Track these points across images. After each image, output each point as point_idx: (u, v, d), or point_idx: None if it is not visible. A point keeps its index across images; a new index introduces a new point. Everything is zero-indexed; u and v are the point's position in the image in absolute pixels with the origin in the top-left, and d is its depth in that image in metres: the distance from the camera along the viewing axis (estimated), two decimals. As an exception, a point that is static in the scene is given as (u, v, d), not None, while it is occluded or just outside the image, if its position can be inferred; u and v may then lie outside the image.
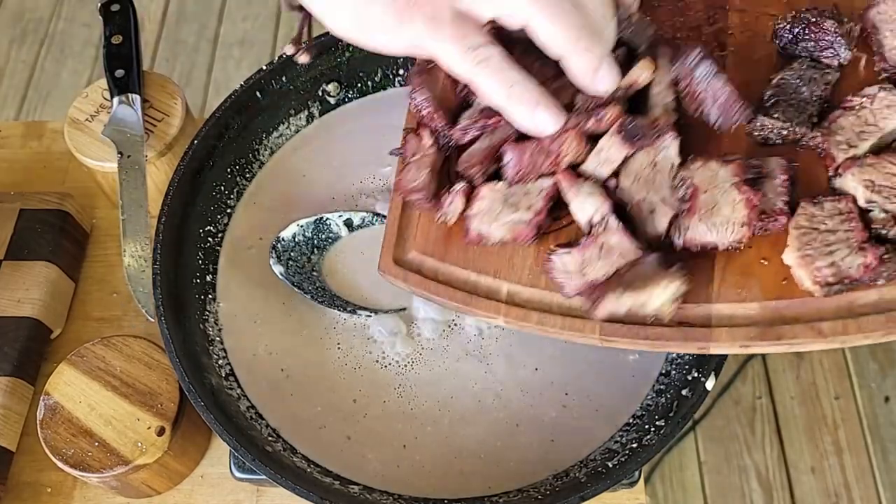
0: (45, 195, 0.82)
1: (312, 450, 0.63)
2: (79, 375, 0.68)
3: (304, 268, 0.70)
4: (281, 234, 0.70)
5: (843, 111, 0.53)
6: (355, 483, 0.62)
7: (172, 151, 0.79)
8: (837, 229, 0.50)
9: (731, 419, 1.60)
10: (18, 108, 1.97)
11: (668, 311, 0.51)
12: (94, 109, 0.80)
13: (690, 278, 0.51)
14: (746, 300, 0.51)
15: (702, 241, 0.52)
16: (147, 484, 0.69)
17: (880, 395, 1.62)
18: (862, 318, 0.49)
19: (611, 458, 0.60)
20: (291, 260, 0.69)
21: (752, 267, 0.52)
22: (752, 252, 0.52)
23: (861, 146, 0.52)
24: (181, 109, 0.80)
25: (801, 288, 0.50)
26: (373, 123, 0.77)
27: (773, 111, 0.54)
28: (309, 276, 0.69)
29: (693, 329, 0.52)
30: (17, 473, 0.73)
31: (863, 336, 0.49)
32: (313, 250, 0.70)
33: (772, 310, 0.51)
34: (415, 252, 0.59)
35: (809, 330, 0.50)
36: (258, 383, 0.66)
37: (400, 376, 0.66)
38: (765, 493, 1.53)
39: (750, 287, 0.52)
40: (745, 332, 0.51)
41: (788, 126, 0.54)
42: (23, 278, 0.77)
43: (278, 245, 0.69)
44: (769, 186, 0.53)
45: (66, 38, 2.08)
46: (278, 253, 0.69)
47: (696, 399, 0.59)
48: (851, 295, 0.49)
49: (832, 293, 0.50)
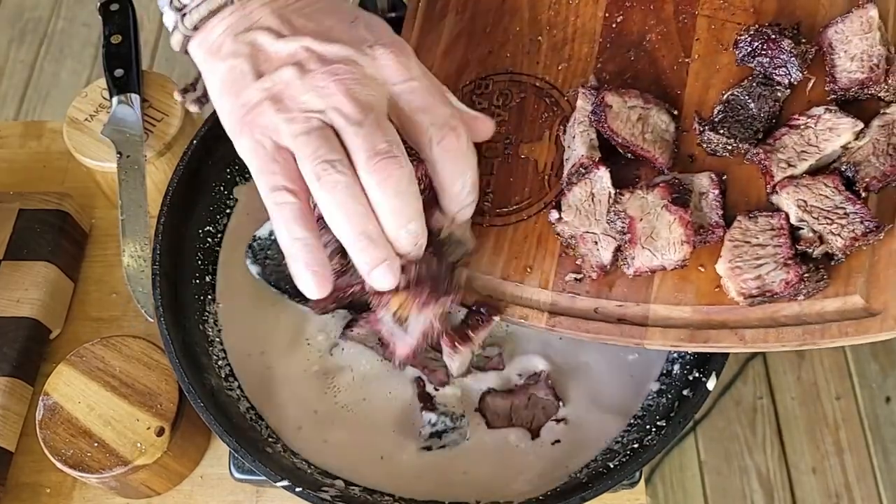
0: (44, 195, 0.82)
1: (311, 451, 0.63)
2: (78, 376, 0.68)
3: (282, 265, 0.69)
4: (257, 232, 0.69)
5: (788, 129, 0.55)
6: (355, 484, 0.61)
7: (172, 151, 0.79)
8: (767, 244, 0.52)
9: (732, 420, 1.60)
10: (18, 107, 1.97)
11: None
12: (94, 109, 0.80)
13: None
14: (681, 303, 0.55)
15: (649, 266, 0.54)
16: (146, 484, 0.69)
17: (881, 396, 1.62)
18: (782, 328, 0.52)
19: (612, 459, 0.60)
20: (269, 259, 0.68)
21: (690, 273, 0.55)
22: (691, 259, 0.54)
23: (800, 166, 0.54)
24: (181, 109, 0.80)
25: (728, 297, 0.53)
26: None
27: (720, 127, 0.56)
28: (287, 275, 0.69)
29: (631, 326, 0.55)
30: (16, 474, 0.73)
31: (780, 345, 0.52)
32: None
33: (703, 314, 0.54)
34: None
35: (733, 336, 0.53)
36: (258, 384, 0.66)
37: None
38: (765, 494, 1.53)
39: (686, 291, 0.55)
40: (676, 334, 0.54)
41: (732, 142, 0.56)
42: (22, 278, 0.77)
43: (254, 244, 0.69)
44: (704, 201, 0.55)
45: (66, 38, 2.07)
46: (254, 252, 0.69)
47: (698, 399, 0.59)
48: (775, 306, 0.52)
49: (755, 304, 0.52)
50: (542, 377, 0.65)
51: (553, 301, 0.58)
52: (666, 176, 0.57)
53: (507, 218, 0.61)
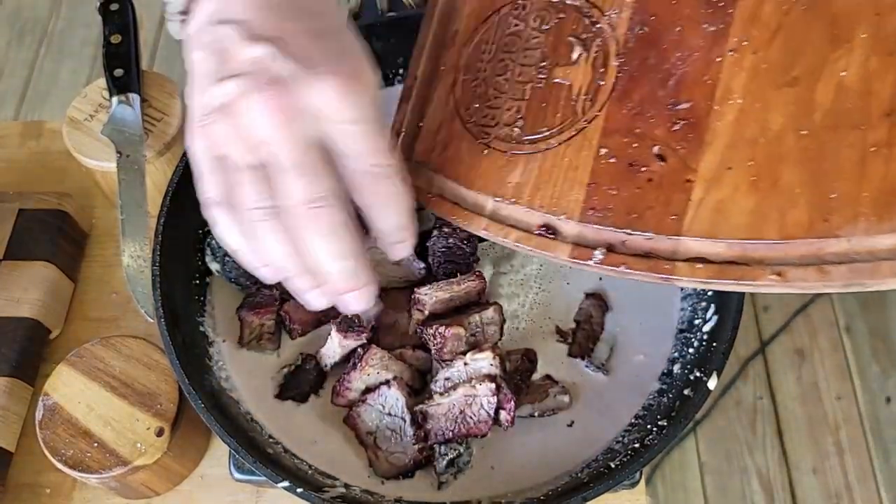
0: (43, 195, 0.81)
1: (311, 452, 0.63)
2: (78, 376, 0.67)
3: None
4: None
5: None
6: (355, 485, 0.61)
7: (171, 151, 0.78)
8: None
9: (732, 420, 1.60)
10: (17, 107, 1.97)
11: None
12: (93, 109, 0.80)
13: None
14: (716, 236, 0.51)
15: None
16: (146, 485, 0.69)
17: (882, 396, 1.62)
18: (827, 266, 0.48)
19: (613, 458, 0.60)
20: (228, 257, 0.67)
21: (727, 203, 0.51)
22: (728, 187, 0.51)
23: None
24: (180, 109, 0.80)
25: (771, 230, 0.50)
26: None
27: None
28: (247, 272, 0.69)
29: (659, 261, 0.53)
30: (15, 474, 0.73)
31: (822, 284, 0.49)
32: None
33: (739, 249, 0.50)
34: (413, 161, 0.62)
35: (771, 273, 0.49)
36: (258, 384, 0.66)
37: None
38: (766, 494, 1.53)
39: (721, 223, 0.51)
40: (706, 270, 0.51)
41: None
42: (21, 278, 0.77)
43: (213, 241, 0.68)
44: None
45: (65, 38, 2.07)
46: (213, 250, 0.68)
47: (699, 399, 0.59)
48: (820, 242, 0.49)
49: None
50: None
51: (579, 233, 0.55)
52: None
53: (536, 145, 0.59)
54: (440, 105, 0.65)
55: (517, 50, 0.62)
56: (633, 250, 0.54)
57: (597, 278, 0.69)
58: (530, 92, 0.61)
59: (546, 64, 0.61)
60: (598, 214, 0.55)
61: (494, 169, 0.59)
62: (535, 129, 0.59)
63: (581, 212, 0.55)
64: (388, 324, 0.66)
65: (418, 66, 0.67)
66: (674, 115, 0.55)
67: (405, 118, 0.66)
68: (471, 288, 0.64)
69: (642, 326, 0.67)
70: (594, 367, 0.65)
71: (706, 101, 0.54)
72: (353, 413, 0.62)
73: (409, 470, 0.61)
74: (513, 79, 0.61)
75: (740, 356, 1.65)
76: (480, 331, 0.63)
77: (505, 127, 0.60)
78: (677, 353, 0.65)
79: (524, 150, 0.59)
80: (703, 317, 0.65)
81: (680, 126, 0.54)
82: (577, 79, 0.59)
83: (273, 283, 0.55)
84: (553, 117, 0.59)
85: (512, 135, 0.60)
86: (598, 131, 0.57)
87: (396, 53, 0.76)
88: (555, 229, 0.56)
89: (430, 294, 0.63)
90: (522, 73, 0.61)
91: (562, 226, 0.56)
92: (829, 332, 1.67)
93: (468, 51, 0.65)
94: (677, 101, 0.55)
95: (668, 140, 0.54)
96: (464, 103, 0.63)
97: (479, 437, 0.60)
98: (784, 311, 1.69)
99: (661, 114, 0.55)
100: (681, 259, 0.52)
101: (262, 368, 0.66)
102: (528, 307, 0.68)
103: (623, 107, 0.57)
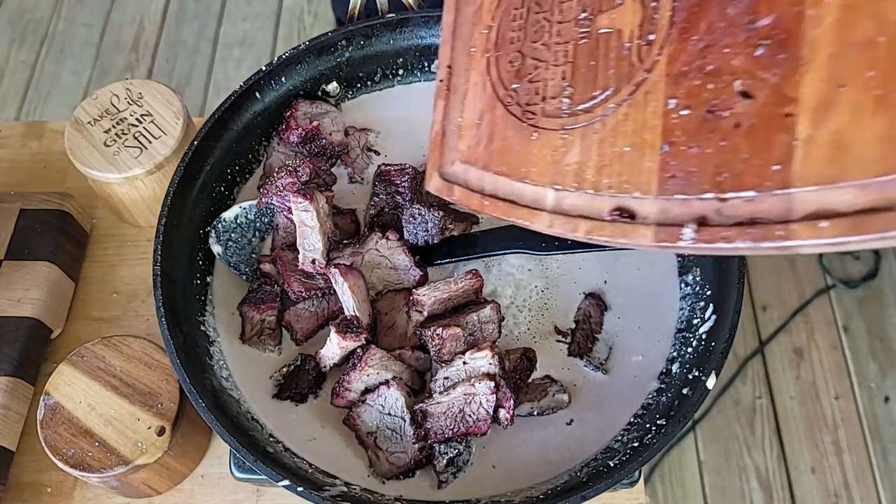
0: (45, 195, 0.82)
1: (311, 451, 0.63)
2: (79, 375, 0.68)
3: (244, 249, 0.70)
4: (223, 214, 0.70)
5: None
6: (355, 484, 0.62)
7: (163, 171, 0.78)
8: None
9: (731, 419, 1.60)
10: (18, 107, 1.97)
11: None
12: (99, 114, 0.80)
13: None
14: (839, 180, 0.38)
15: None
16: (147, 484, 0.69)
17: (880, 395, 1.62)
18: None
19: (612, 457, 0.60)
20: (232, 241, 0.69)
21: (847, 134, 0.38)
22: (845, 112, 0.38)
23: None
24: (180, 130, 0.79)
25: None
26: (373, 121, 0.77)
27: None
28: (248, 259, 0.70)
29: (768, 227, 0.40)
30: (17, 473, 0.73)
31: None
32: (255, 233, 0.71)
33: (875, 190, 0.37)
34: (459, 163, 0.54)
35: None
36: (259, 384, 0.66)
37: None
38: (764, 493, 1.53)
39: (843, 162, 0.38)
40: (835, 226, 0.38)
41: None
42: (23, 278, 0.77)
43: (219, 225, 0.70)
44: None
45: (67, 39, 2.07)
46: (218, 233, 0.70)
47: (697, 398, 0.59)
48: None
49: None
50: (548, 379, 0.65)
51: (662, 209, 0.45)
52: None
53: (591, 114, 0.49)
54: (478, 92, 0.56)
55: (550, 7, 0.53)
56: (732, 218, 0.42)
57: (597, 278, 0.69)
58: (574, 52, 0.51)
59: (587, 14, 0.51)
60: (680, 182, 0.44)
61: (548, 153, 0.50)
62: (586, 95, 0.49)
63: (658, 183, 0.44)
64: (387, 325, 0.66)
65: (447, 56, 0.59)
66: (754, 36, 0.42)
67: (443, 115, 0.58)
68: (468, 286, 0.64)
69: (641, 326, 0.68)
70: (593, 366, 0.65)
71: (794, 6, 0.40)
72: (353, 414, 0.63)
73: (409, 469, 0.61)
74: (551, 42, 0.52)
75: (739, 355, 1.65)
76: (478, 329, 0.63)
77: (552, 100, 0.51)
78: (676, 353, 0.65)
79: (578, 122, 0.49)
80: (701, 316, 0.65)
81: (764, 48, 0.42)
82: (627, 21, 0.49)
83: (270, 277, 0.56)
84: (605, 76, 0.49)
85: (561, 108, 0.50)
86: (662, 80, 0.46)
87: (396, 54, 0.77)
88: (630, 211, 0.46)
89: (429, 294, 0.63)
90: (561, 31, 0.51)
91: (638, 205, 0.45)
92: (827, 332, 1.68)
93: (496, 24, 0.56)
94: (756, 17, 0.42)
95: (753, 69, 0.42)
96: (502, 84, 0.54)
97: (478, 435, 0.60)
98: (782, 310, 1.69)
99: (736, 38, 0.43)
100: (797, 219, 0.40)
101: (263, 367, 0.67)
102: (527, 307, 0.69)
103: (687, 42, 0.45)
